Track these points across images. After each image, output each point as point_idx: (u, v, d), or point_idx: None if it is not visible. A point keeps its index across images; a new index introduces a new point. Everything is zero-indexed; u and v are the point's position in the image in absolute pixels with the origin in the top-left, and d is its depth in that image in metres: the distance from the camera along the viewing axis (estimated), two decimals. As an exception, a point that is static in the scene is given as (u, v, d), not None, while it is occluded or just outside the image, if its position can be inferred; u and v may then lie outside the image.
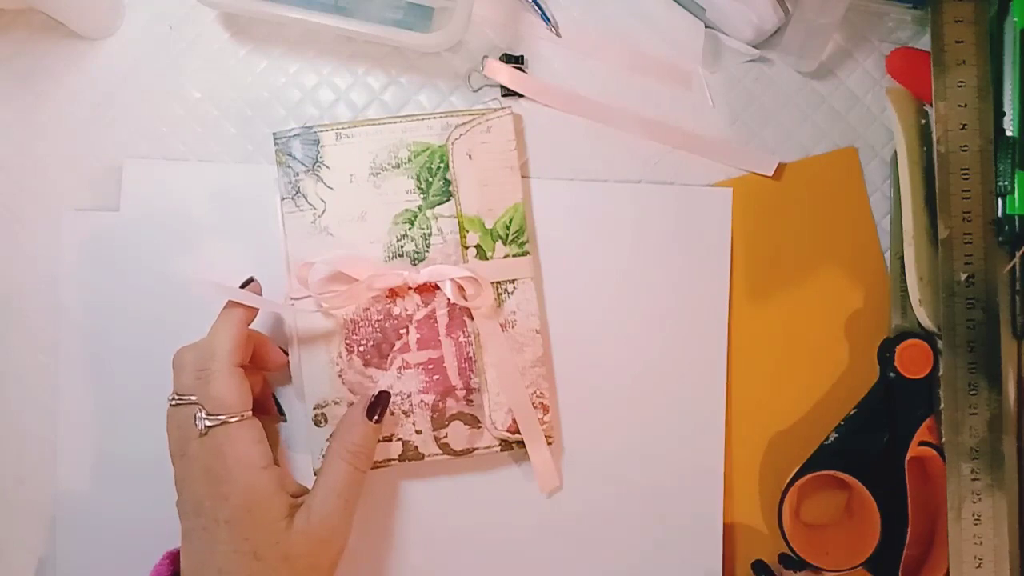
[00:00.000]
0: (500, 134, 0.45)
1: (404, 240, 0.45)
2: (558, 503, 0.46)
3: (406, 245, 0.45)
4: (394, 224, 0.45)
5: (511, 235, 0.45)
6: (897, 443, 0.46)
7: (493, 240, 0.45)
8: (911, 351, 0.46)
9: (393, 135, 0.45)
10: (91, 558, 0.46)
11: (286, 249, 0.45)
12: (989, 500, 0.45)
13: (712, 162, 0.49)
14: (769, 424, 0.48)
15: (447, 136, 0.45)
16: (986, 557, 0.44)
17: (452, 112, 0.45)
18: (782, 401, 0.48)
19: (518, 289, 0.45)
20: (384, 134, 0.45)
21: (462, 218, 0.45)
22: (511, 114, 0.45)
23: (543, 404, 0.45)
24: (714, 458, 0.46)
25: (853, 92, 0.50)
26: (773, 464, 0.48)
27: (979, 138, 0.46)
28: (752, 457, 0.48)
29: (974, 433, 0.45)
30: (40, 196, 0.48)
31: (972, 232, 0.46)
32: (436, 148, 0.45)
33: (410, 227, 0.45)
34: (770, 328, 0.48)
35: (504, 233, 0.45)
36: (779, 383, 0.48)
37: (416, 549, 0.46)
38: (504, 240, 0.45)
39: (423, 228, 0.45)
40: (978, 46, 0.46)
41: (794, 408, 0.48)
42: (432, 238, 0.45)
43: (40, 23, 0.48)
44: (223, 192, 0.47)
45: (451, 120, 0.45)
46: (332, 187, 0.45)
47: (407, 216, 0.45)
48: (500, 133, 0.45)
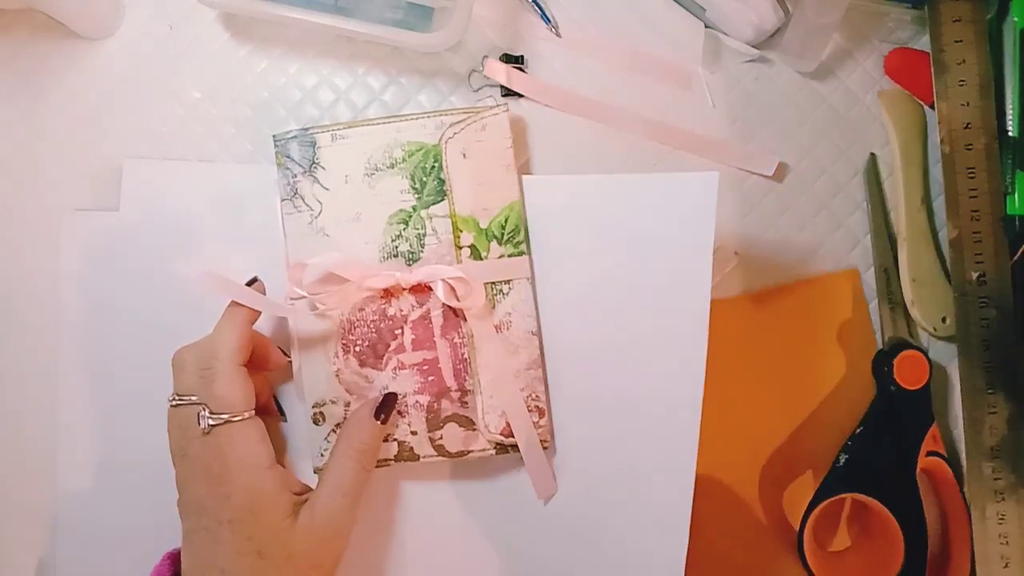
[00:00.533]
0: (496, 132, 0.45)
1: (399, 240, 0.45)
2: (554, 507, 0.46)
3: (401, 245, 0.45)
4: (389, 224, 0.45)
5: (506, 235, 0.44)
6: (905, 456, 0.45)
7: (488, 240, 0.44)
8: (908, 362, 0.45)
9: (387, 135, 0.45)
10: (91, 559, 0.46)
11: (285, 249, 0.45)
12: (1013, 498, 0.44)
13: (712, 162, 0.49)
14: (758, 435, 0.48)
15: (441, 135, 0.45)
16: (1013, 556, 0.44)
17: (446, 111, 0.45)
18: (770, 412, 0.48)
19: (513, 290, 0.44)
20: (378, 134, 0.45)
21: (456, 218, 0.44)
22: (507, 112, 0.45)
23: (538, 407, 0.44)
24: (685, 460, 0.44)
25: (853, 92, 0.49)
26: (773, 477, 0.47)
27: (984, 136, 0.46)
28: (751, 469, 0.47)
29: (994, 432, 0.45)
30: (40, 196, 0.48)
31: (981, 231, 0.45)
32: (430, 147, 0.45)
33: (405, 227, 0.45)
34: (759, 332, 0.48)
35: (499, 233, 0.44)
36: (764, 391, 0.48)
37: (410, 549, 0.46)
38: (499, 240, 0.44)
39: (418, 228, 0.45)
40: (977, 44, 0.46)
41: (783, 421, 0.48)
42: (427, 238, 0.44)
43: (40, 23, 0.48)
44: (223, 192, 0.47)
45: (445, 119, 0.45)
46: (328, 188, 0.44)
47: (402, 216, 0.45)
48: (496, 131, 0.45)
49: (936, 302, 0.47)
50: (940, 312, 0.47)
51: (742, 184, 0.49)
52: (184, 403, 0.38)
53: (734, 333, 0.48)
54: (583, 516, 0.46)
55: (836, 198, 0.49)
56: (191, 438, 0.38)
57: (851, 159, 0.49)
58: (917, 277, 0.47)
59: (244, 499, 0.37)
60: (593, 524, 0.46)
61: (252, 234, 0.47)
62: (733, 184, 0.49)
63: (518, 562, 0.46)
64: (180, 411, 0.39)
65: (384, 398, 0.43)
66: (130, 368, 0.46)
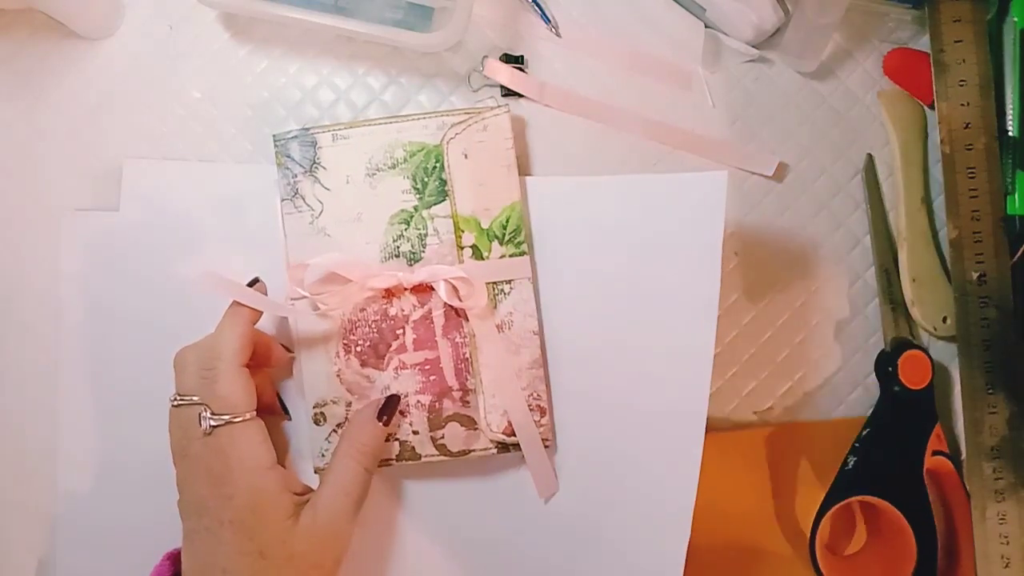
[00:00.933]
0: (497, 132, 0.45)
1: (400, 240, 0.45)
2: (556, 506, 0.46)
3: (402, 246, 0.45)
4: (390, 225, 0.45)
5: (508, 235, 0.45)
6: (912, 457, 0.45)
7: (489, 240, 0.44)
8: (911, 362, 0.45)
9: (388, 135, 0.45)
10: (91, 559, 0.46)
11: (286, 249, 0.45)
12: (1013, 498, 0.44)
13: (712, 162, 0.49)
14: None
15: (442, 136, 0.45)
16: (1014, 556, 0.44)
17: (448, 111, 0.45)
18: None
19: (515, 290, 0.44)
20: (379, 135, 0.45)
21: (457, 218, 0.44)
22: (508, 112, 0.45)
23: (540, 407, 0.44)
24: (688, 460, 0.44)
25: (853, 92, 0.49)
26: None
27: (984, 136, 0.46)
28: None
29: (994, 432, 0.45)
30: (40, 196, 0.48)
31: (981, 231, 0.45)
32: (431, 148, 0.45)
33: (406, 227, 0.45)
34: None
35: (501, 233, 0.44)
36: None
37: (412, 548, 0.46)
38: (501, 240, 0.44)
39: (419, 228, 0.45)
40: (977, 44, 0.46)
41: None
42: (428, 238, 0.44)
43: (40, 23, 0.48)
44: (223, 192, 0.47)
45: (446, 119, 0.45)
46: (329, 188, 0.44)
47: (403, 216, 0.45)
48: (497, 132, 0.45)
49: (936, 302, 0.47)
50: (940, 312, 0.47)
51: (742, 184, 0.49)
52: (185, 403, 0.38)
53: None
54: (584, 515, 0.46)
55: (836, 198, 0.49)
56: (192, 438, 0.38)
57: (851, 159, 0.49)
58: (917, 277, 0.47)
59: (246, 499, 0.37)
60: (594, 523, 0.45)
61: (252, 234, 0.47)
62: (733, 184, 0.49)
63: (519, 560, 0.46)
64: (181, 411, 0.39)
65: (387, 400, 0.43)
66: (130, 368, 0.46)
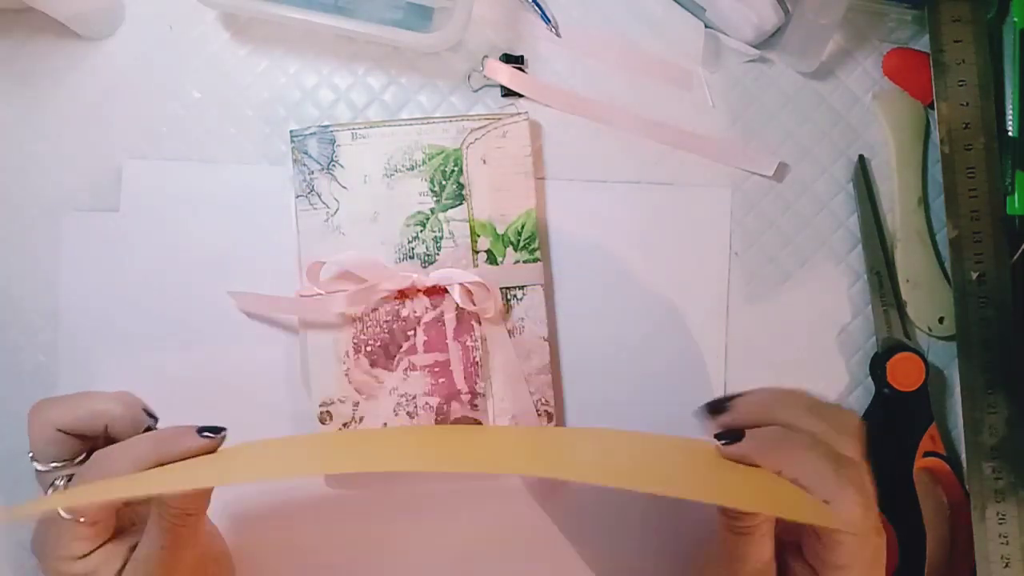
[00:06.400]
0: (516, 140, 0.45)
1: (415, 242, 0.45)
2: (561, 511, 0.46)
3: (417, 247, 0.45)
4: (406, 226, 0.45)
5: (522, 241, 0.45)
6: (902, 458, 0.45)
7: (504, 246, 0.45)
8: (902, 364, 0.45)
9: (408, 137, 0.45)
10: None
11: (299, 246, 0.45)
12: (1013, 498, 0.44)
13: (712, 162, 0.49)
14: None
15: (462, 140, 0.45)
16: (1013, 556, 0.44)
17: (468, 116, 0.46)
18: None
19: (527, 295, 0.45)
20: (399, 136, 0.45)
21: (473, 222, 0.45)
22: (527, 120, 0.45)
23: (548, 412, 0.45)
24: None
25: (853, 92, 0.49)
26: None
27: (983, 136, 0.46)
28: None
29: (994, 432, 0.45)
30: (40, 196, 0.48)
31: (981, 230, 0.46)
32: (451, 152, 0.45)
33: (422, 229, 0.45)
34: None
35: (515, 239, 0.45)
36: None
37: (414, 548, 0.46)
38: (515, 246, 0.45)
39: (435, 231, 0.45)
40: (977, 44, 0.46)
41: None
42: (443, 241, 0.45)
43: (40, 23, 0.48)
44: (223, 192, 0.47)
45: (467, 124, 0.45)
46: (346, 186, 0.45)
47: (419, 218, 0.45)
48: (516, 139, 0.45)
49: (933, 302, 0.47)
50: (937, 312, 0.47)
51: (742, 184, 0.49)
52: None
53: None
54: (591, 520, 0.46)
55: (836, 198, 0.49)
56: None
57: (851, 159, 0.49)
58: (911, 278, 0.47)
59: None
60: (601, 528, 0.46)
61: (252, 234, 0.47)
62: (733, 184, 0.49)
63: (523, 565, 0.46)
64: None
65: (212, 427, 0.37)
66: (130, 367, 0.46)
